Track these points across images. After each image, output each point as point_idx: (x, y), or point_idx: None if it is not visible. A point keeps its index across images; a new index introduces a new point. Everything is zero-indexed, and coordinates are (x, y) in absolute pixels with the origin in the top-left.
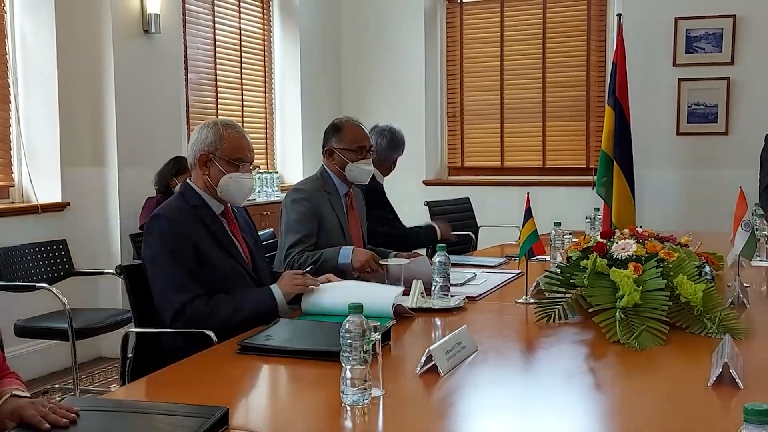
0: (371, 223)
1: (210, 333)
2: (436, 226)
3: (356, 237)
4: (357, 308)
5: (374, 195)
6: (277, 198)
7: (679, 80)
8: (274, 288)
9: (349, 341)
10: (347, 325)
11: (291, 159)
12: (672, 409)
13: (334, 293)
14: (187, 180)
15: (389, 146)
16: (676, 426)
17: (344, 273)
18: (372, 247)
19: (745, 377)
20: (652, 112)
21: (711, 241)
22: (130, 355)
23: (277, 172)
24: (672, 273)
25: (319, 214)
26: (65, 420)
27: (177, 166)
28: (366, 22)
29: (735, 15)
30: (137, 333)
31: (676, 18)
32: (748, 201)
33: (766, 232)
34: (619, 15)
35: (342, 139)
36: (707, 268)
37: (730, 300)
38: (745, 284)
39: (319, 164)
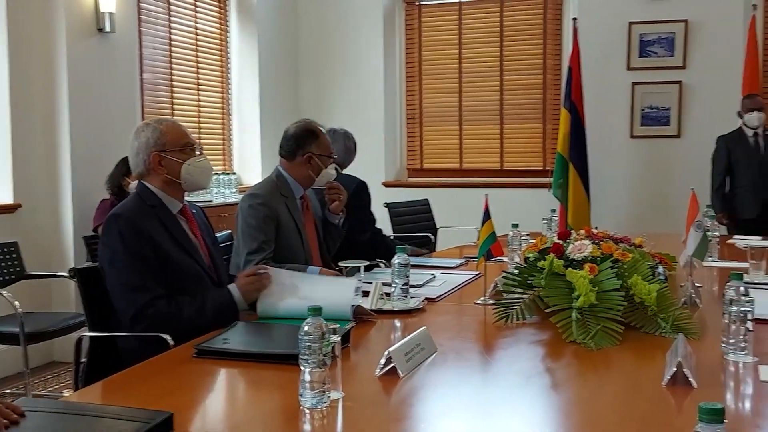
0: (357, 224)
1: (166, 336)
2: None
3: (312, 240)
4: (316, 311)
5: (364, 195)
6: (234, 199)
7: (633, 84)
8: (233, 288)
9: (308, 344)
10: (306, 327)
11: (249, 160)
12: (627, 408)
13: (291, 296)
14: (142, 181)
15: (354, 150)
16: (631, 425)
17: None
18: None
19: (698, 376)
20: (607, 115)
21: (664, 241)
22: (83, 360)
23: (234, 174)
24: (627, 273)
25: (277, 218)
26: (5, 421)
27: (127, 166)
28: (325, 24)
29: (687, 20)
30: (91, 337)
31: (630, 23)
32: (699, 202)
33: (717, 233)
34: (575, 19)
35: (320, 145)
36: (660, 269)
37: (683, 300)
38: (697, 284)
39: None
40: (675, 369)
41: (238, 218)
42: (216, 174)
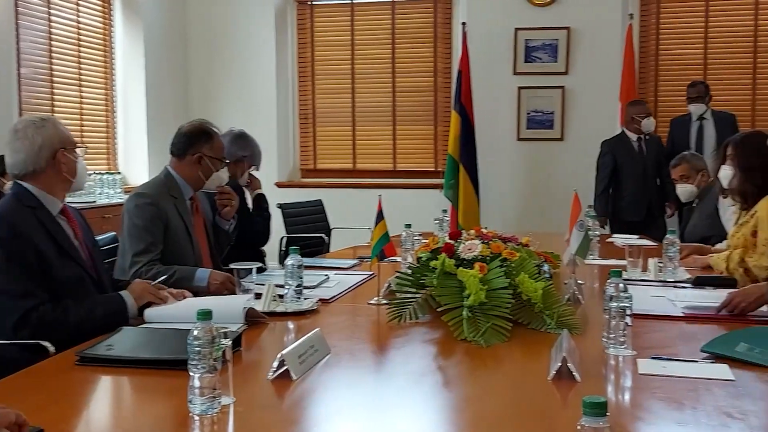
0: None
1: (46, 344)
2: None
3: (202, 242)
4: (205, 314)
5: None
6: (119, 200)
7: (519, 88)
8: (126, 295)
9: (197, 349)
10: (195, 332)
11: (135, 159)
12: (515, 403)
13: (180, 302)
14: (18, 181)
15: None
16: (519, 419)
17: (197, 294)
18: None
19: (582, 370)
20: (495, 118)
21: (549, 241)
22: None
23: (119, 173)
24: (514, 272)
25: (165, 219)
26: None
27: (3, 165)
28: (215, 21)
29: (569, 27)
30: None
31: (516, 28)
32: (582, 203)
33: (597, 233)
34: (464, 23)
35: (213, 147)
36: (546, 267)
37: (566, 297)
38: (579, 281)
39: (164, 165)
40: (560, 364)
41: (124, 219)
42: (99, 173)
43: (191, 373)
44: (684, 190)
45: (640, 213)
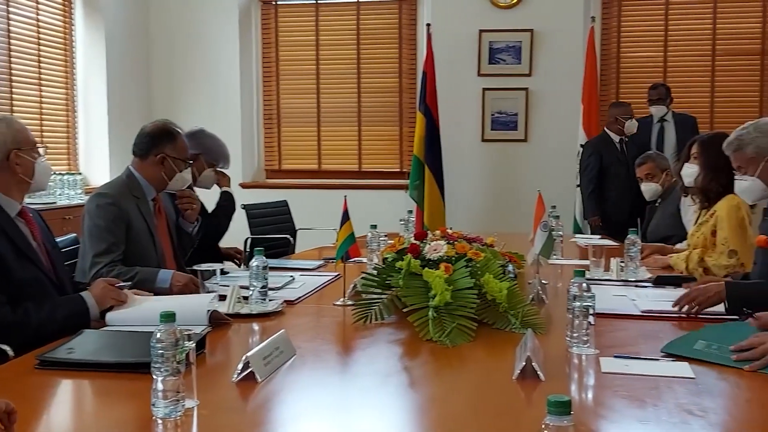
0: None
1: (5, 347)
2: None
3: (165, 243)
4: (169, 317)
5: None
6: (80, 201)
7: (484, 89)
8: (87, 296)
9: (160, 351)
10: (158, 334)
11: (96, 160)
12: (481, 402)
13: (143, 305)
14: None
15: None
16: (484, 419)
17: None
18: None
19: (546, 369)
20: (460, 119)
21: (513, 241)
22: None
23: (80, 174)
24: (479, 272)
25: (127, 219)
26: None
27: None
28: (177, 20)
29: (532, 29)
30: None
31: (480, 30)
32: (545, 204)
33: (561, 233)
34: (428, 25)
35: (176, 148)
36: (510, 267)
37: (531, 297)
38: (543, 281)
39: (125, 165)
40: (524, 363)
41: (84, 219)
42: (60, 174)
43: (154, 376)
44: (649, 189)
45: (624, 213)
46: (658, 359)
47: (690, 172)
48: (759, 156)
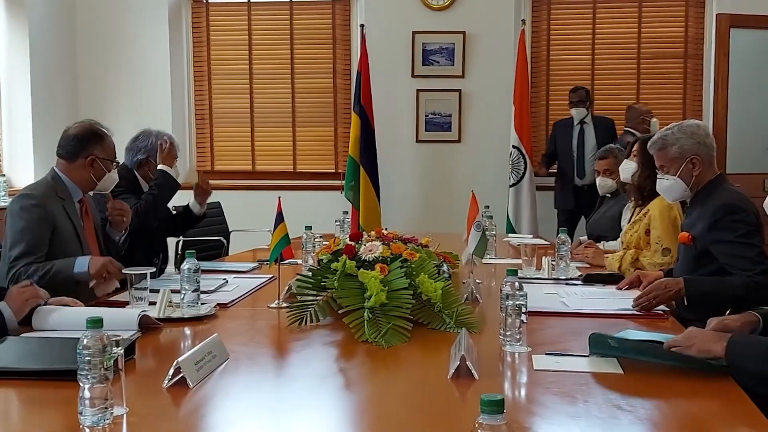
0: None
1: None
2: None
3: (93, 245)
4: (96, 322)
5: None
6: (2, 204)
7: (418, 91)
8: (3, 307)
9: (87, 358)
10: (85, 340)
11: (20, 161)
12: (416, 402)
13: (70, 310)
14: None
15: None
16: (420, 419)
17: (79, 284)
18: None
19: (480, 368)
20: (394, 120)
21: (447, 241)
22: None
23: (3, 175)
24: (415, 272)
25: (53, 221)
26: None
27: None
28: (104, 18)
29: (465, 32)
30: None
31: (413, 32)
32: (479, 204)
33: (494, 233)
34: (362, 26)
35: (105, 149)
36: (445, 267)
37: (465, 296)
38: (477, 281)
39: (51, 167)
40: (459, 362)
41: (6, 221)
42: None
43: (81, 384)
44: (604, 184)
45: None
46: (587, 356)
47: (627, 168)
48: (681, 156)
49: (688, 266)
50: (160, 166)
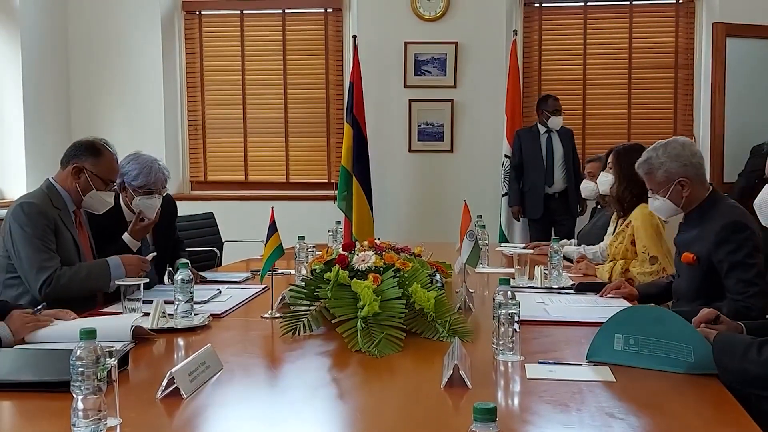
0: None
1: None
2: None
3: (89, 256)
4: (89, 333)
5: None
6: None
7: (410, 101)
8: (2, 328)
9: (80, 369)
10: (78, 351)
11: (12, 172)
12: (409, 411)
13: (63, 322)
14: None
15: None
16: (413, 428)
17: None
18: None
19: (473, 377)
20: (387, 129)
21: (440, 250)
22: None
23: None
24: (407, 282)
25: (54, 228)
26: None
27: None
28: (97, 29)
29: (456, 42)
30: None
31: (405, 42)
32: (471, 213)
33: (487, 242)
34: (354, 36)
35: (98, 164)
36: (438, 276)
37: (458, 305)
38: (470, 290)
39: (44, 178)
40: (452, 371)
41: (10, 229)
42: None
43: (74, 395)
44: (587, 187)
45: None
46: (580, 364)
47: (604, 180)
48: (668, 180)
49: (696, 285)
50: (124, 236)
